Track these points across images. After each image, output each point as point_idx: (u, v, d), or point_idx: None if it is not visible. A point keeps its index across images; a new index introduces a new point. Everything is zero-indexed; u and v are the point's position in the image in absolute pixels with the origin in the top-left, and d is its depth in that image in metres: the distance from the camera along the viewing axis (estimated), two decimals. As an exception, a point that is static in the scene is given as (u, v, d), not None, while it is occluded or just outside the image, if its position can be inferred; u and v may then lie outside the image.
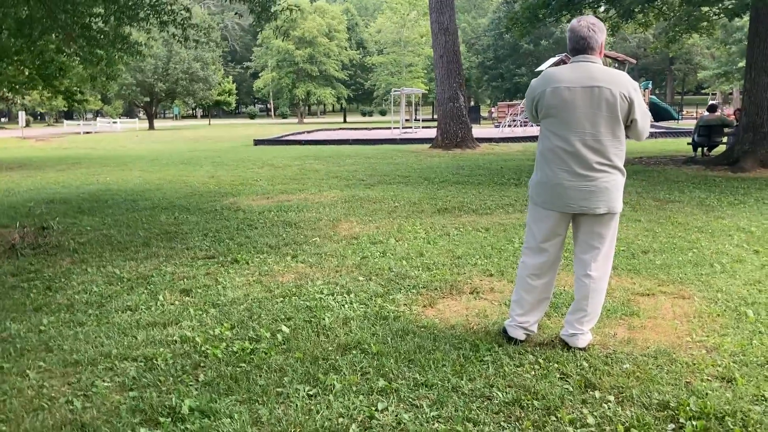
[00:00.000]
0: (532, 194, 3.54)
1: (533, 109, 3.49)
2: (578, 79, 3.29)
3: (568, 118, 3.30)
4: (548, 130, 3.40)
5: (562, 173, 3.34)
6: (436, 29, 18.86)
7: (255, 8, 9.41)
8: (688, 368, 3.23)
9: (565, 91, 3.29)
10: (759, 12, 11.85)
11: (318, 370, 3.27)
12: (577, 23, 3.37)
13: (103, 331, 3.96)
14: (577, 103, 3.28)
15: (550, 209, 3.43)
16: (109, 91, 18.42)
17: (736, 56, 39.84)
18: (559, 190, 3.36)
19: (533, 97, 3.45)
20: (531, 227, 3.58)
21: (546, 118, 3.40)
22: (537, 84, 3.45)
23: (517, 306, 3.60)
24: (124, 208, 9.01)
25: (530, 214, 3.59)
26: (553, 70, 3.42)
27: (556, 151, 3.35)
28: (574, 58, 3.38)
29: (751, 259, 5.33)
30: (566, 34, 3.45)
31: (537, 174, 3.51)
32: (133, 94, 53.37)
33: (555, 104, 3.32)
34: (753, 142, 12.08)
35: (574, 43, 3.38)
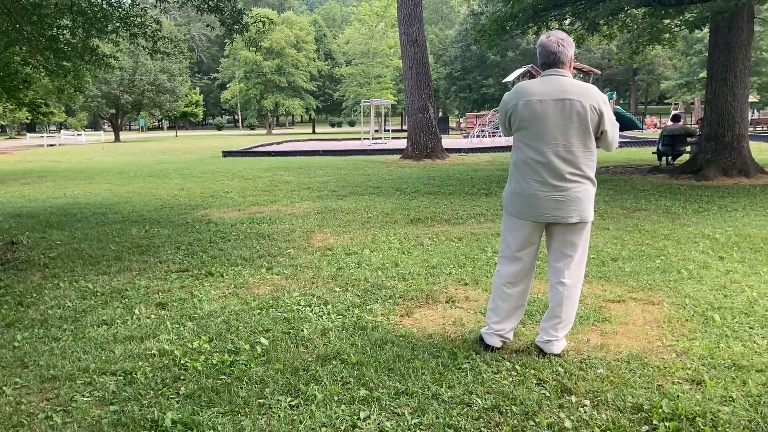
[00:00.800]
0: (507, 204, 3.61)
1: (506, 122, 3.58)
2: (550, 92, 3.39)
3: (541, 130, 3.38)
4: (521, 142, 3.49)
5: (535, 183, 3.42)
6: (405, 41, 19.02)
7: (226, 20, 9.41)
8: (660, 372, 3.32)
9: (537, 104, 3.38)
10: (718, 25, 12.20)
11: (299, 381, 3.30)
12: (547, 39, 3.47)
13: (79, 345, 3.93)
14: (549, 115, 3.36)
15: (524, 219, 3.51)
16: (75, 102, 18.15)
17: (697, 67, 40.86)
18: (533, 200, 3.44)
19: (506, 110, 3.53)
20: (506, 236, 3.65)
21: (519, 131, 3.48)
22: (509, 98, 3.53)
23: (493, 314, 3.67)
24: (93, 221, 8.91)
25: (504, 224, 3.66)
26: (525, 83, 3.51)
27: (529, 162, 3.43)
28: (545, 72, 3.48)
29: (716, 265, 5.49)
30: (536, 48, 3.55)
31: (511, 184, 3.58)
32: (99, 105, 52.69)
33: (527, 117, 3.41)
34: (715, 151, 12.40)
35: (545, 58, 3.47)
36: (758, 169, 12.41)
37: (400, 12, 19.18)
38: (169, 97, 55.36)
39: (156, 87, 53.62)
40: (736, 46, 12.08)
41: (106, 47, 12.36)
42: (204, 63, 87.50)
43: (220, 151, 27.41)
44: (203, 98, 73.91)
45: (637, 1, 12.24)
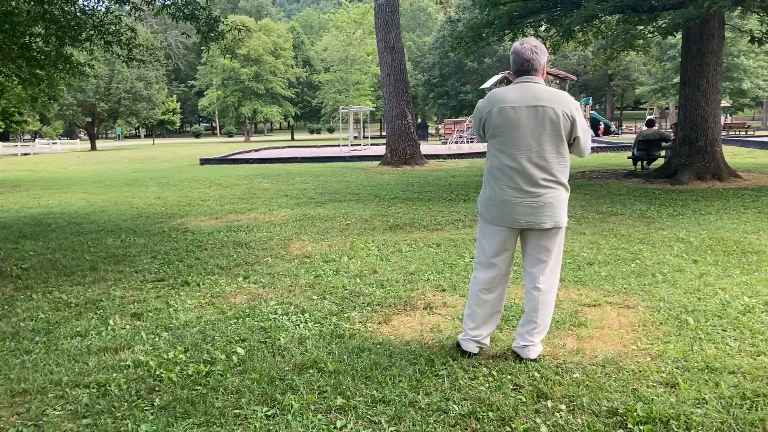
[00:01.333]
0: (482, 211, 3.63)
1: (481, 129, 3.60)
2: (523, 99, 3.42)
3: (514, 136, 3.41)
4: (495, 149, 3.51)
5: (510, 190, 3.44)
6: (383, 48, 19.07)
7: (202, 28, 9.37)
8: (635, 375, 3.35)
9: (511, 111, 3.40)
10: (690, 31, 12.40)
11: (275, 391, 3.28)
12: (521, 46, 3.50)
13: (52, 358, 3.87)
14: (522, 122, 3.39)
15: (499, 225, 3.52)
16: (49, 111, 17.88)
17: (671, 72, 41.41)
18: (507, 206, 3.46)
19: (480, 117, 3.56)
20: (481, 243, 3.67)
21: (493, 137, 3.50)
22: (483, 105, 3.56)
23: (470, 320, 3.68)
24: (68, 231, 8.80)
25: (480, 230, 3.68)
26: (499, 90, 3.54)
27: (504, 169, 3.46)
28: (519, 78, 3.51)
29: (690, 269, 5.56)
30: (510, 56, 3.57)
31: (485, 191, 3.60)
32: (74, 114, 52.15)
33: (501, 123, 3.43)
34: (689, 155, 12.57)
35: (519, 65, 3.51)
36: (731, 172, 12.59)
37: (378, 19, 19.23)
38: (145, 104, 54.97)
39: (132, 95, 53.22)
40: (708, 52, 12.27)
41: (80, 55, 12.25)
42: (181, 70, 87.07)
43: (197, 159, 27.24)
44: (180, 106, 73.45)
45: (611, 8, 12.39)
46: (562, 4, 13.88)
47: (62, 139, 67.25)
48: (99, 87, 50.94)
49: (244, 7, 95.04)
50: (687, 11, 10.88)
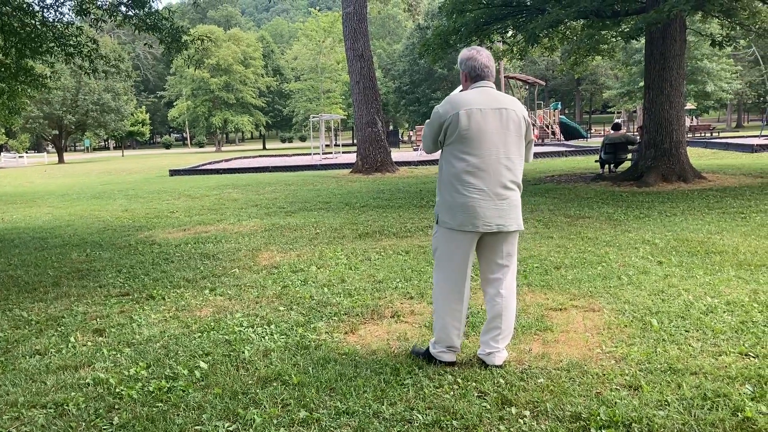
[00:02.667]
0: (445, 219, 3.52)
1: (440, 134, 3.51)
2: (487, 102, 3.43)
3: (483, 139, 3.40)
4: (461, 152, 3.43)
5: (478, 193, 3.41)
6: (351, 56, 19.09)
7: (165, 39, 9.27)
8: (599, 379, 3.36)
9: (478, 113, 3.39)
10: (652, 36, 12.59)
11: (237, 405, 3.22)
12: (478, 53, 3.53)
13: (8, 378, 3.77)
14: (490, 124, 3.40)
15: (467, 230, 3.45)
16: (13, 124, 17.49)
17: (637, 76, 42.06)
18: (475, 210, 3.41)
19: (441, 122, 3.47)
20: (445, 253, 3.57)
21: (459, 141, 3.43)
22: (445, 109, 3.47)
23: (444, 333, 3.58)
24: (32, 246, 8.63)
25: (442, 240, 3.57)
26: (459, 95, 3.52)
27: (472, 172, 3.41)
28: (477, 84, 3.53)
29: (655, 270, 5.61)
30: (462, 62, 3.58)
31: (446, 198, 3.51)
32: (41, 127, 51.32)
33: (469, 126, 3.39)
34: (655, 157, 12.75)
35: (479, 71, 3.53)
36: (696, 174, 12.80)
37: (346, 28, 19.25)
38: (114, 116, 54.29)
39: (100, 106, 52.54)
40: (671, 56, 12.47)
41: (43, 68, 12.06)
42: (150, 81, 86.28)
43: (167, 170, 26.96)
44: (150, 117, 72.72)
45: (575, 14, 12.53)
46: (527, 11, 14.02)
47: (29, 152, 66.17)
48: (66, 99, 50.20)
49: (213, 16, 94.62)
50: (649, 15, 11.05)
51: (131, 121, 61.58)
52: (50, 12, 9.62)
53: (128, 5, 9.39)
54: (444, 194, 3.53)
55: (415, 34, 57.00)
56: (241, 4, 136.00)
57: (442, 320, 3.59)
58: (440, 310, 3.61)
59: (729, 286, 5.01)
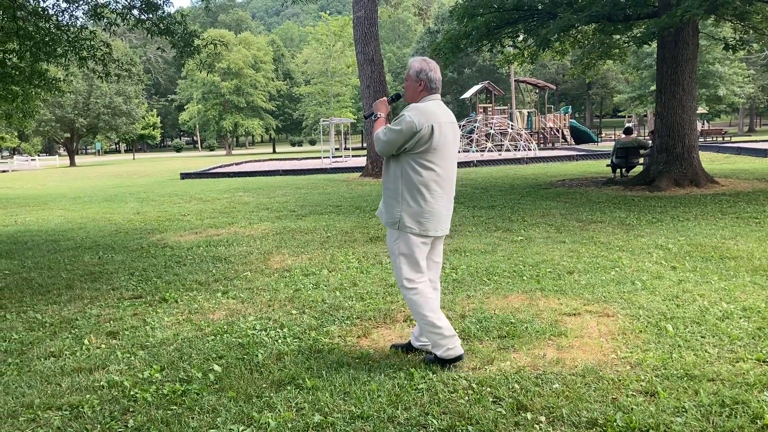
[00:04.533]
0: (411, 225, 3.63)
1: (411, 142, 3.56)
2: (445, 116, 3.68)
3: (446, 150, 3.65)
4: (429, 162, 3.60)
5: (441, 200, 3.67)
6: (362, 60, 19.11)
7: (177, 43, 9.32)
8: (614, 385, 3.34)
9: (444, 126, 3.62)
10: (664, 40, 12.53)
11: (252, 409, 3.22)
12: (434, 66, 3.71)
13: (24, 380, 3.79)
14: (449, 137, 3.66)
15: (432, 235, 3.69)
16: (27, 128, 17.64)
17: (648, 80, 41.92)
18: (439, 216, 3.68)
19: (415, 132, 3.53)
20: (412, 259, 3.68)
21: (427, 152, 3.58)
22: (420, 120, 3.55)
23: (447, 329, 3.65)
24: (45, 249, 8.68)
25: (409, 246, 3.66)
26: (429, 106, 3.65)
27: (439, 182, 3.65)
28: (434, 96, 3.71)
29: (669, 276, 5.58)
30: (426, 73, 3.67)
31: (412, 205, 3.62)
32: (53, 130, 51.67)
33: (439, 138, 3.59)
34: (667, 162, 12.68)
35: (436, 84, 3.72)
36: (708, 178, 12.72)
37: (356, 32, 19.28)
38: (125, 119, 54.61)
39: (112, 110, 52.86)
40: (683, 60, 12.42)
41: (56, 71, 12.14)
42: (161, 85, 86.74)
43: (178, 174, 27.07)
44: (161, 120, 73.12)
45: (587, 18, 12.50)
46: (538, 15, 13.99)
47: (41, 155, 66.64)
48: (78, 102, 50.55)
49: (224, 20, 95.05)
50: (661, 20, 11.01)
51: (142, 125, 61.92)
52: (64, 16, 9.68)
53: (141, 9, 9.45)
54: (408, 201, 3.65)
55: (425, 38, 57.06)
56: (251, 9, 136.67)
57: (431, 318, 3.67)
58: (424, 311, 3.68)
59: (744, 291, 4.97)
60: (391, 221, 3.67)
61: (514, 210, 10.33)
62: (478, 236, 8.04)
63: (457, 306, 4.91)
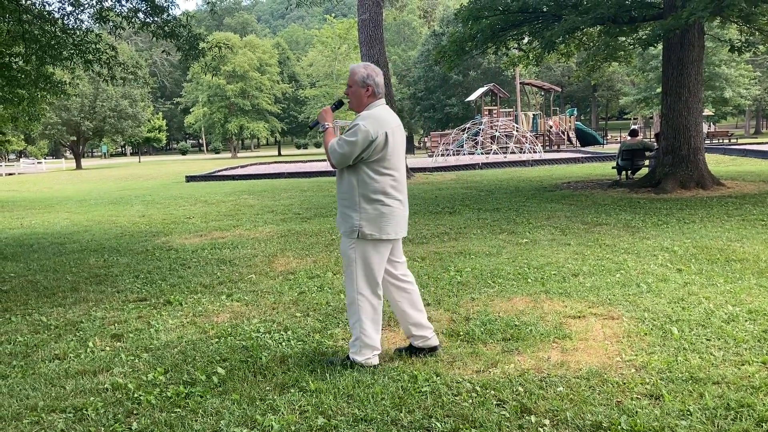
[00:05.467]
0: (372, 231, 3.67)
1: (368, 149, 3.60)
2: (394, 120, 3.76)
3: (398, 154, 3.75)
4: (385, 168, 3.67)
5: (399, 205, 3.75)
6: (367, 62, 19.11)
7: (182, 46, 9.35)
8: (619, 388, 3.32)
9: (395, 131, 3.71)
10: (670, 42, 12.51)
11: (255, 412, 3.22)
12: (378, 71, 3.78)
13: (28, 382, 3.80)
14: (399, 141, 3.76)
15: (393, 239, 3.76)
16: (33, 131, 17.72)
17: (654, 82, 41.79)
18: (399, 220, 3.76)
19: (371, 139, 3.59)
20: (370, 264, 3.72)
21: (383, 158, 3.65)
22: (375, 128, 3.61)
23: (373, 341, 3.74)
24: (50, 252, 8.71)
25: (368, 252, 3.71)
26: (381, 113, 3.71)
27: (396, 186, 3.73)
28: (380, 101, 3.79)
29: (674, 278, 5.55)
30: (373, 78, 3.74)
31: (370, 211, 3.66)
32: (59, 133, 51.84)
33: (393, 144, 3.68)
34: (673, 164, 12.64)
35: (381, 89, 3.79)
36: (714, 180, 12.67)
37: (361, 34, 19.31)
38: (131, 122, 54.73)
39: (118, 113, 52.98)
40: (689, 62, 12.38)
41: (62, 74, 12.19)
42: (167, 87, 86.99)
43: (183, 176, 27.13)
44: (167, 123, 73.26)
45: (592, 20, 12.49)
46: (543, 17, 13.98)
47: (48, 158, 66.90)
48: (84, 105, 50.69)
49: (230, 23, 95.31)
50: (666, 22, 10.98)
51: (148, 128, 62.03)
52: (70, 19, 9.72)
53: (146, 12, 9.48)
54: (366, 208, 3.69)
55: (430, 40, 57.03)
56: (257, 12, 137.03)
57: (368, 327, 3.72)
58: (365, 319, 3.73)
59: (750, 294, 4.95)
60: (350, 230, 3.69)
61: (519, 212, 10.31)
62: (482, 238, 8.03)
63: (461, 308, 4.90)
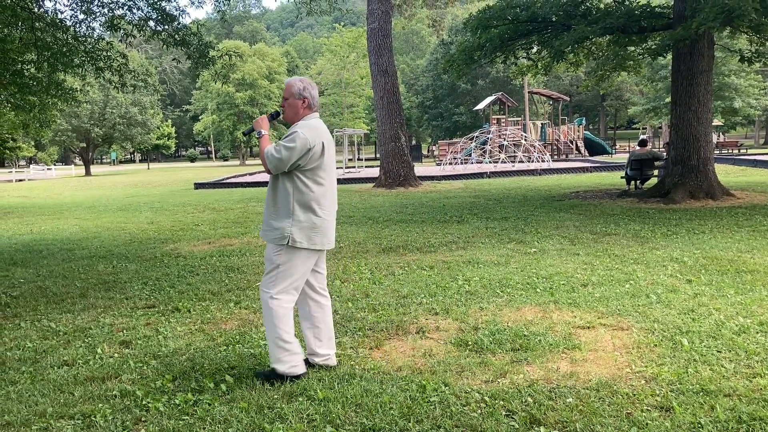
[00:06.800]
0: (301, 240, 3.67)
1: (304, 158, 3.63)
2: (327, 133, 3.82)
3: (330, 166, 3.81)
4: (319, 177, 3.72)
5: (329, 215, 3.79)
6: (376, 71, 19.19)
7: (193, 54, 9.40)
8: (629, 399, 3.30)
9: (329, 144, 3.78)
10: (680, 52, 12.49)
11: (263, 420, 3.21)
12: (312, 84, 3.83)
13: (37, 388, 3.81)
14: (331, 152, 3.81)
15: (321, 249, 3.78)
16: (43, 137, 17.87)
17: (663, 92, 41.73)
18: (328, 230, 3.79)
19: (308, 148, 3.62)
20: (293, 273, 3.71)
21: (318, 168, 3.70)
22: (312, 137, 3.65)
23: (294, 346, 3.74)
24: (59, 258, 8.74)
25: (295, 260, 3.71)
26: (316, 124, 3.76)
27: (327, 196, 3.77)
28: (315, 114, 3.84)
29: (684, 289, 5.52)
30: (309, 91, 3.78)
31: (302, 220, 3.67)
32: (69, 139, 52.15)
33: (326, 155, 3.73)
34: (682, 174, 12.60)
35: (316, 101, 3.84)
36: (724, 191, 12.61)
37: (370, 43, 19.37)
38: (140, 129, 55.02)
39: (127, 120, 53.29)
40: (698, 72, 12.35)
41: (73, 81, 12.28)
42: (176, 95, 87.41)
43: (192, 184, 27.23)
44: (175, 130, 73.65)
45: (601, 30, 12.49)
46: (552, 27, 13.99)
47: (57, 164, 67.28)
48: (93, 112, 51.00)
49: (239, 32, 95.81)
50: (676, 32, 10.97)
51: (157, 135, 62.41)
52: (81, 27, 9.79)
53: (157, 20, 9.55)
54: (300, 217, 3.69)
55: (439, 49, 57.19)
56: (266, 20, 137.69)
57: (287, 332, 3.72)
58: (284, 324, 3.72)
59: (762, 305, 4.91)
60: (281, 236, 3.67)
61: (527, 222, 10.29)
62: (491, 248, 8.01)
63: (470, 318, 4.88)
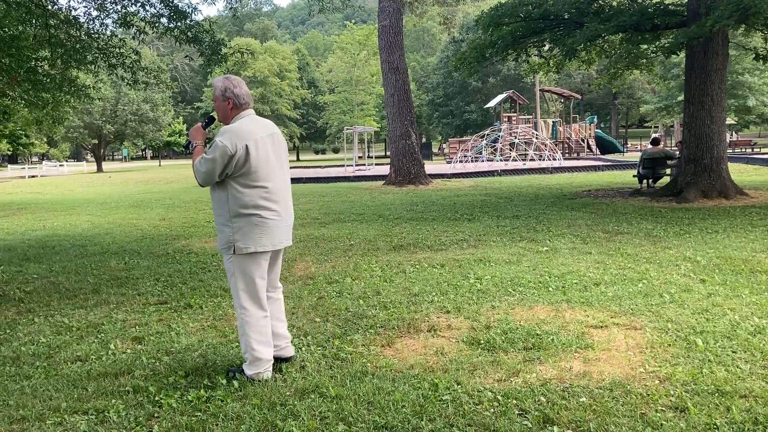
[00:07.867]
0: (246, 245, 3.64)
1: (230, 165, 3.56)
2: (263, 130, 3.71)
3: (268, 166, 3.67)
4: (254, 181, 3.62)
5: (274, 215, 3.69)
6: (386, 69, 19.17)
7: (205, 51, 9.42)
8: (643, 399, 3.28)
9: (261, 142, 3.64)
10: (693, 50, 12.39)
11: (276, 417, 3.22)
12: (237, 82, 3.73)
13: (51, 383, 3.83)
14: (270, 151, 3.69)
15: (268, 250, 3.72)
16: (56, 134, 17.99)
17: (675, 90, 41.47)
18: (273, 231, 3.70)
19: (231, 154, 3.53)
20: (251, 277, 3.71)
21: (250, 172, 3.60)
22: (233, 143, 3.54)
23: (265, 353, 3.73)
24: (72, 254, 8.79)
25: (246, 266, 3.69)
26: (242, 125, 3.65)
27: (267, 197, 3.67)
28: (246, 112, 3.73)
29: (697, 288, 5.48)
30: (232, 90, 3.69)
31: (243, 225, 3.63)
32: (81, 136, 52.40)
33: (258, 156, 3.61)
34: (695, 173, 12.51)
35: (244, 99, 3.73)
36: (738, 190, 12.52)
37: (381, 40, 19.36)
38: (152, 126, 55.17)
39: (139, 117, 53.44)
40: (712, 70, 12.26)
41: (86, 78, 12.33)
42: (187, 92, 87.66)
43: (203, 180, 27.24)
44: (187, 127, 73.79)
45: (614, 28, 12.41)
46: (564, 25, 13.92)
47: (69, 161, 67.67)
48: (105, 109, 51.17)
49: (250, 29, 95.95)
50: (690, 30, 10.89)
51: (168, 132, 62.56)
52: (95, 24, 9.84)
53: (170, 17, 9.57)
54: (238, 222, 3.65)
55: (450, 47, 57.02)
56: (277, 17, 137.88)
57: (254, 342, 3.70)
58: (251, 332, 3.71)
59: (776, 306, 4.87)
60: (227, 246, 3.67)
61: (539, 220, 10.25)
62: (502, 246, 7.98)
63: (481, 317, 4.87)
